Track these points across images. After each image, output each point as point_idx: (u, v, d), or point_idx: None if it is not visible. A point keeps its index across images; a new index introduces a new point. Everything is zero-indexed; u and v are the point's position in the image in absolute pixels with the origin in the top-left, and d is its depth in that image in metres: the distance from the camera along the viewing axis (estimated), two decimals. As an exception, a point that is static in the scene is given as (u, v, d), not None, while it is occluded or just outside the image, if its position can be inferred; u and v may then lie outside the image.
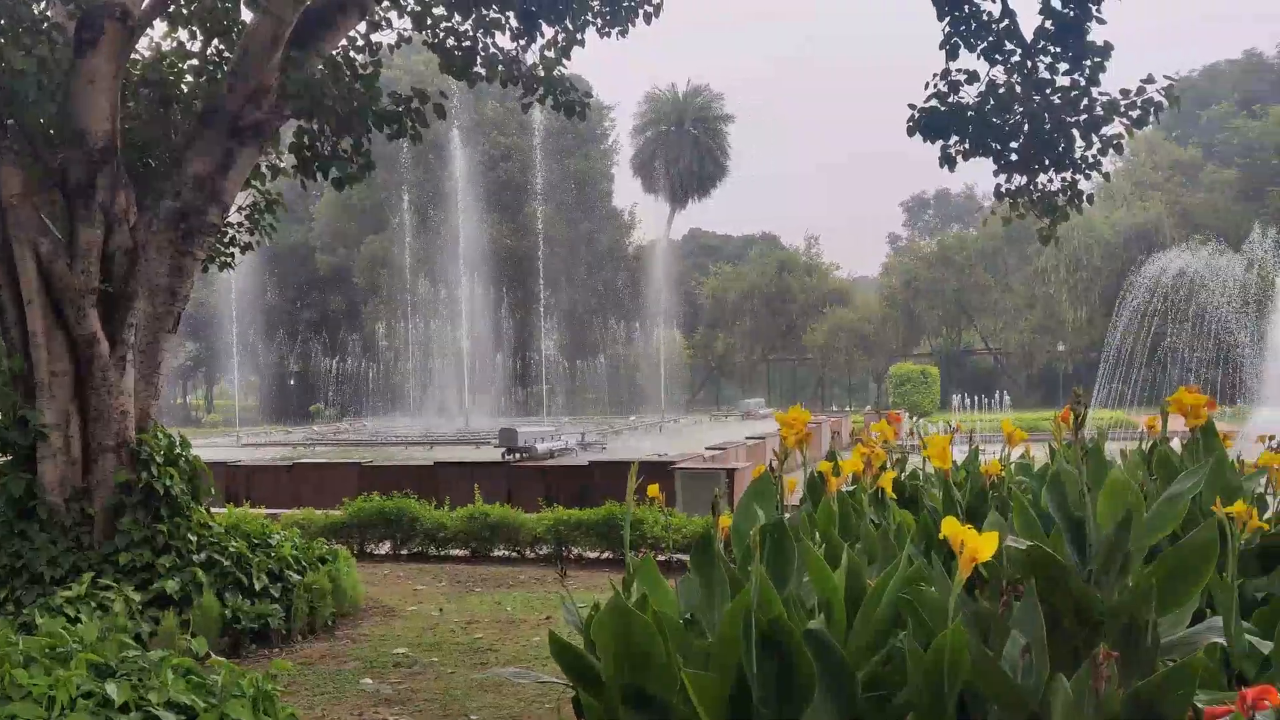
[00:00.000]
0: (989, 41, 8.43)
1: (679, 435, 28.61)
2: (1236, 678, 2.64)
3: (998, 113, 8.35)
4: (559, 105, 9.63)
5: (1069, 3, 7.89)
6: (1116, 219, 44.19)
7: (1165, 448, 3.79)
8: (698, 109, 61.80)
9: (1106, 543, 2.60)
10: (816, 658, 2.13)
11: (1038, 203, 8.73)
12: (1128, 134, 8.21)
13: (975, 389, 40.12)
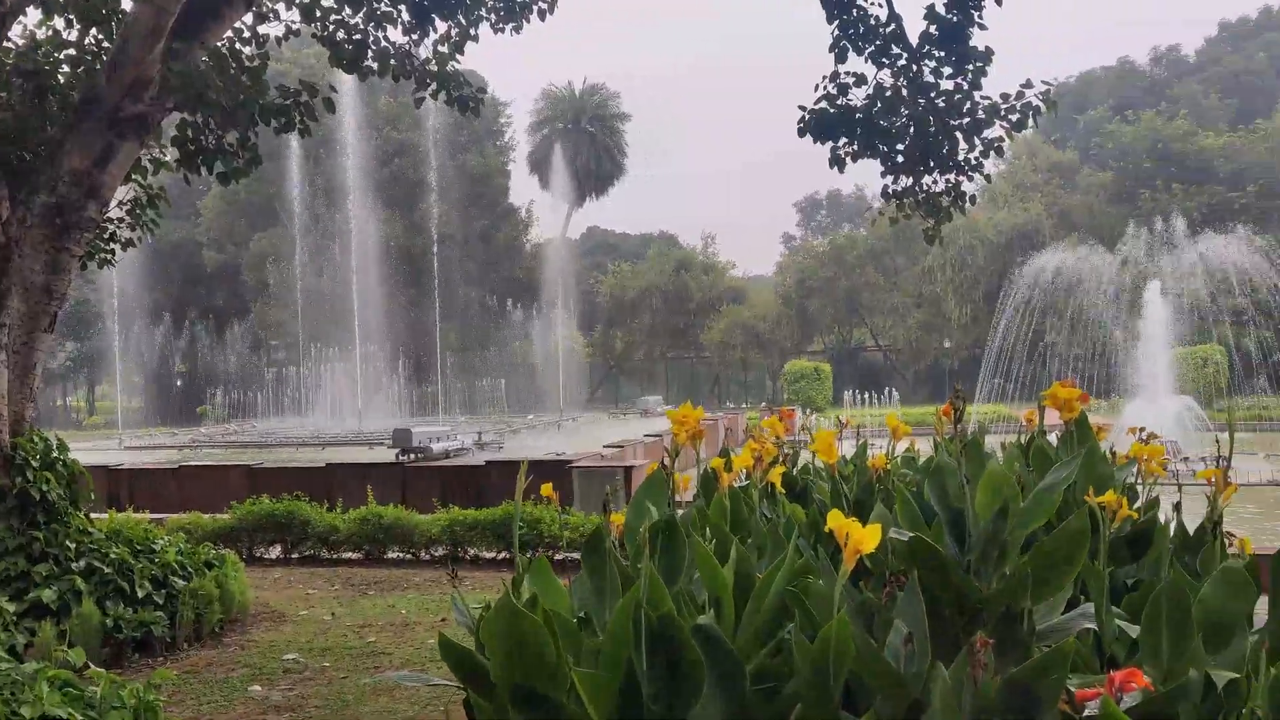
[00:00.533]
0: (876, 45, 8.63)
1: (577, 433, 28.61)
2: (1108, 661, 2.74)
3: (885, 115, 8.55)
4: (452, 101, 9.54)
5: (952, 9, 8.12)
6: (999, 220, 45.67)
7: (1042, 440, 3.91)
8: (595, 107, 61.84)
9: (985, 533, 2.68)
10: (706, 652, 2.15)
11: (923, 204, 8.98)
12: (1008, 137, 8.49)
13: (866, 385, 41.05)
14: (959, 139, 8.53)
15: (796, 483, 4.08)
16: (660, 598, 2.13)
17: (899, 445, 4.41)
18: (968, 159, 8.62)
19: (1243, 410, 31.06)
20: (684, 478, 3.84)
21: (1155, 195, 44.30)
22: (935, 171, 8.89)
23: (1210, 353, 33.36)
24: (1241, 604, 2.48)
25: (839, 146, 8.79)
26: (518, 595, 2.37)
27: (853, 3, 8.41)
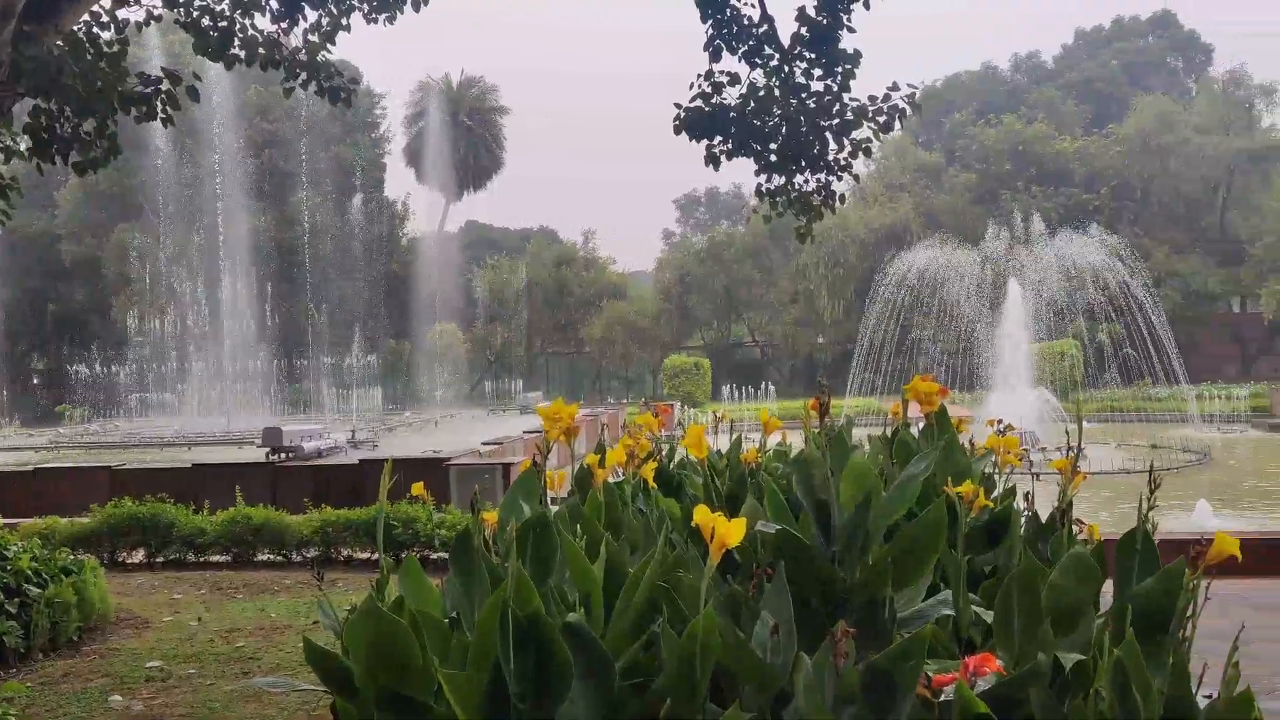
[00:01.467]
0: (749, 45, 8.77)
1: (455, 430, 28.28)
2: (965, 645, 2.84)
3: (757, 115, 8.69)
4: (323, 91, 9.34)
5: (822, 11, 8.30)
6: (870, 218, 46.88)
7: (905, 433, 4.03)
8: (473, 100, 61.15)
9: (849, 524, 2.74)
10: (575, 649, 2.15)
11: (795, 202, 9.16)
12: (876, 138, 8.73)
13: (744, 380, 41.66)
14: (829, 139, 8.73)
15: (672, 478, 4.12)
16: (528, 596, 2.12)
17: (771, 439, 4.50)
18: (837, 159, 8.83)
19: (1096, 402, 32.67)
20: (559, 474, 3.83)
21: (1016, 196, 46.16)
22: (806, 171, 9.08)
23: (1066, 347, 34.96)
24: (1088, 588, 2.60)
25: (714, 145, 8.91)
26: (383, 597, 2.33)
27: (726, 3, 8.53)
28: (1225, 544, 2.05)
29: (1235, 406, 29.21)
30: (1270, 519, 13.89)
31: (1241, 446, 23.90)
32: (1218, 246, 46.94)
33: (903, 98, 8.44)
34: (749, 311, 53.25)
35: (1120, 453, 20.85)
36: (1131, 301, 29.28)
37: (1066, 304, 32.66)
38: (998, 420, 4.36)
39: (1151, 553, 2.76)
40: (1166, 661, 2.48)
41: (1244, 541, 7.42)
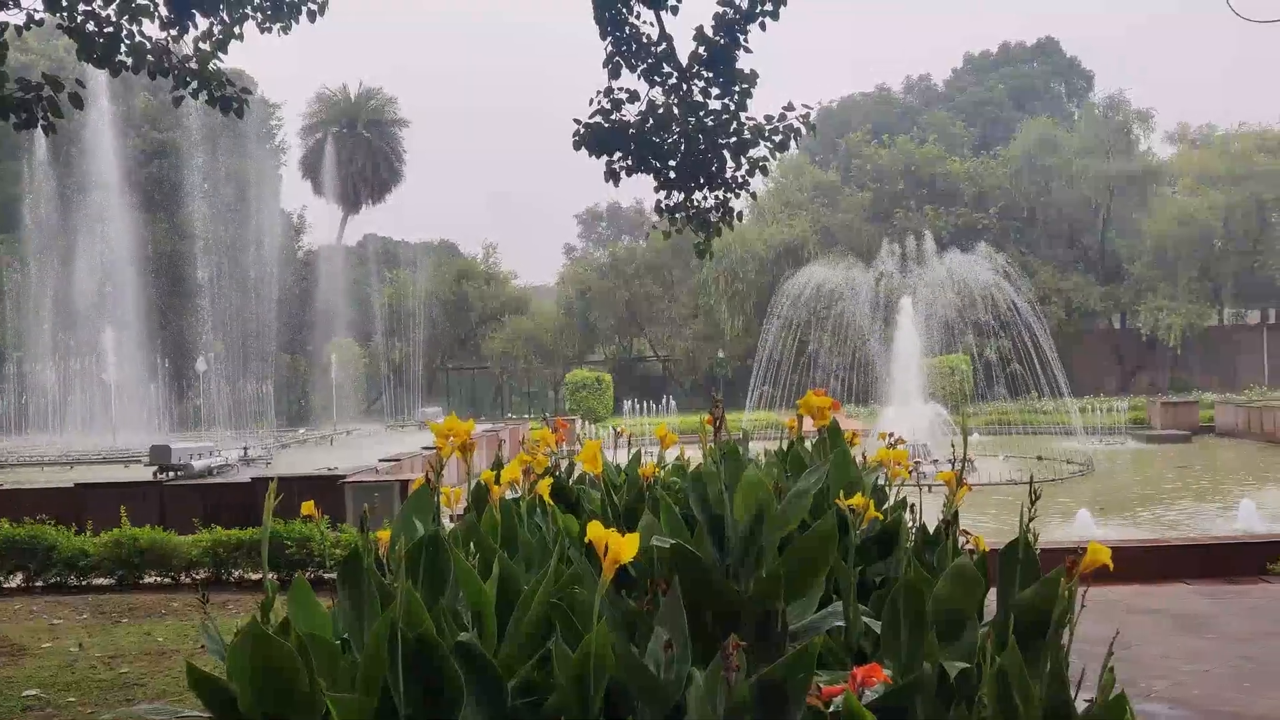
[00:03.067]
0: (649, 63, 8.84)
1: (353, 447, 27.73)
2: (856, 656, 2.90)
3: (657, 132, 8.76)
4: (214, 101, 9.11)
5: (719, 31, 8.42)
6: (768, 235, 47.58)
7: (799, 447, 4.09)
8: (371, 111, 60.30)
9: (742, 537, 2.77)
10: (466, 669, 2.12)
11: (693, 218, 9.25)
12: (772, 157, 8.87)
13: (646, 394, 41.83)
14: (727, 157, 8.84)
15: (571, 494, 4.11)
16: (418, 616, 2.09)
17: (669, 453, 4.53)
18: (735, 176, 8.95)
19: (985, 415, 33.70)
20: (455, 491, 3.79)
21: (909, 214, 47.40)
22: (705, 188, 9.18)
23: (956, 362, 35.98)
24: (972, 598, 2.67)
25: (614, 160, 8.95)
26: (268, 619, 2.27)
27: (625, 20, 8.59)
28: (1098, 553, 2.13)
29: (1115, 419, 30.42)
30: (1148, 526, 14.47)
31: (1121, 458, 24.88)
32: (1099, 265, 48.88)
33: (798, 118, 8.60)
34: (651, 326, 53.52)
35: (1008, 464, 21.52)
36: (1018, 318, 30.29)
37: (956, 320, 33.64)
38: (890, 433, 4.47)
39: (1032, 562, 2.85)
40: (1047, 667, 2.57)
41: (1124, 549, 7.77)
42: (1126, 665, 5.75)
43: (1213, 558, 10.23)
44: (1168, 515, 15.54)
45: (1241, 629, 6.68)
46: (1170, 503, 16.85)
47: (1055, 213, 48.47)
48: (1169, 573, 9.70)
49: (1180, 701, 5.15)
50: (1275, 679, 5.48)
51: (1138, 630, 6.67)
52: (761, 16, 8.53)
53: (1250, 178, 42.40)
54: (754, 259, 46.64)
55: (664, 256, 49.40)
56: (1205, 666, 5.76)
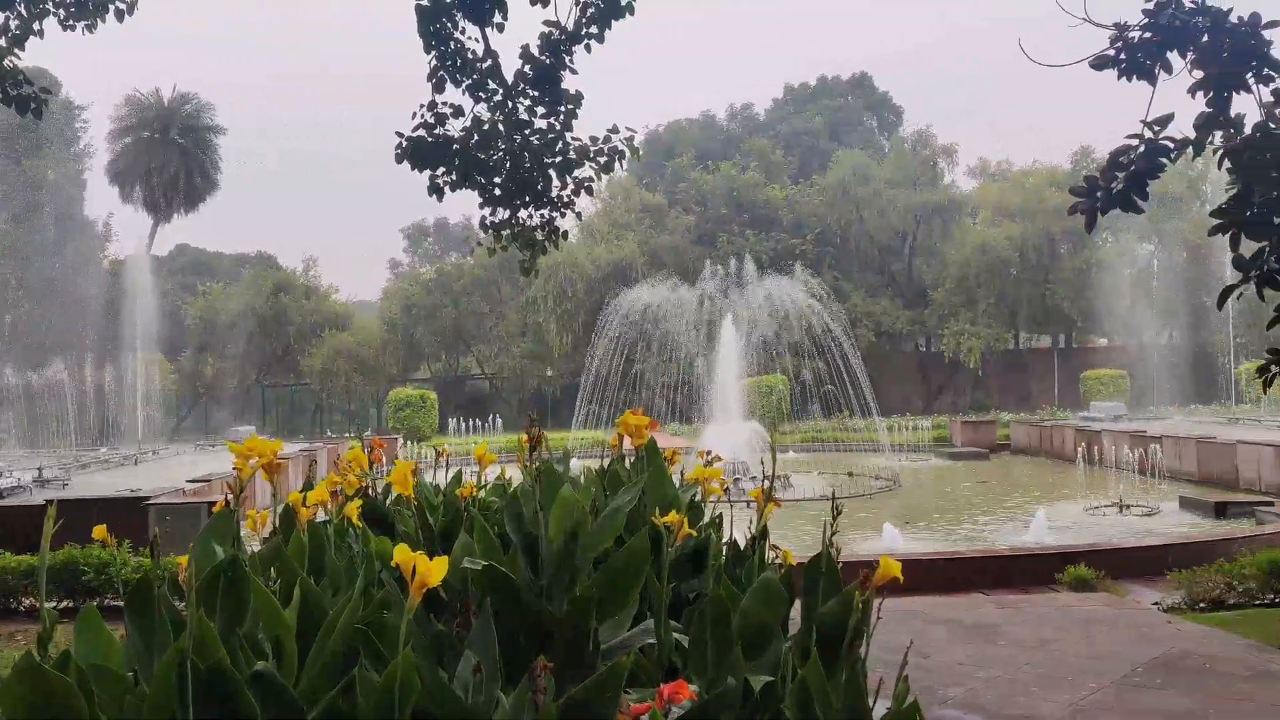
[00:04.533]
0: (474, 79, 8.79)
1: (159, 468, 26.27)
2: (669, 672, 2.93)
3: (481, 148, 8.71)
4: (10, 100, 8.55)
5: (545, 51, 8.45)
6: (597, 255, 47.93)
7: (619, 465, 4.12)
8: (185, 117, 57.56)
9: (556, 557, 2.77)
10: (263, 699, 2.04)
11: (519, 236, 9.23)
12: (597, 177, 8.96)
13: (472, 413, 41.33)
14: (552, 176, 8.88)
15: (386, 515, 4.02)
16: (210, 645, 1.99)
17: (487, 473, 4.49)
18: (560, 196, 8.99)
19: (801, 433, 34.87)
20: (262, 514, 3.64)
21: (731, 238, 48.66)
22: (531, 206, 9.18)
23: (774, 382, 37.11)
24: (776, 612, 2.74)
25: (437, 175, 8.84)
26: (45, 651, 2.12)
27: (450, 36, 8.51)
28: (889, 567, 2.22)
29: (920, 437, 32.01)
30: (949, 539, 15.25)
31: (925, 473, 26.17)
32: (906, 290, 51.35)
33: (622, 140, 8.72)
34: (478, 344, 52.99)
35: (821, 480, 22.31)
36: (831, 340, 31.50)
37: (774, 341, 34.72)
38: (707, 451, 4.55)
39: (834, 575, 2.95)
40: (851, 677, 2.67)
41: (926, 561, 8.16)
42: (925, 673, 6.03)
43: (1007, 569, 10.88)
44: (967, 528, 16.42)
45: (1030, 636, 7.11)
46: (969, 516, 17.83)
47: (867, 240, 50.69)
48: (967, 583, 10.25)
49: (974, 707, 5.44)
50: (1059, 683, 5.85)
51: (936, 639, 7.00)
52: (587, 39, 8.61)
53: (1042, 211, 45.45)
54: (583, 278, 46.87)
55: (492, 273, 49.06)
56: (997, 672, 6.10)
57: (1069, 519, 16.67)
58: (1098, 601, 8.69)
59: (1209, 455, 21.19)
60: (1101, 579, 9.93)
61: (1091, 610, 8.14)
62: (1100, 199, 8.02)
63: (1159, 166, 7.93)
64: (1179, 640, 6.88)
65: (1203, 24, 7.88)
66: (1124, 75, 8.12)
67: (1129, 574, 10.78)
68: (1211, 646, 6.73)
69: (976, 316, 46.95)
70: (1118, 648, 6.70)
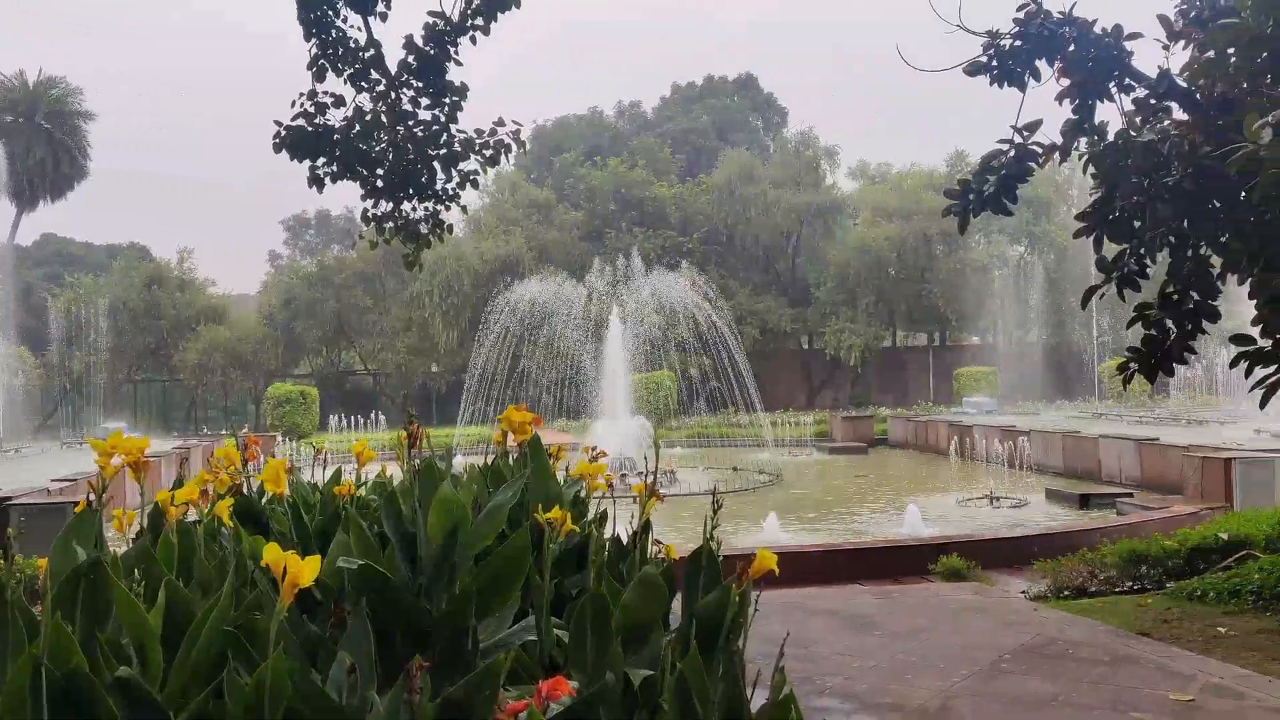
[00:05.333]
0: (356, 69, 8.62)
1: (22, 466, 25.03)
2: (551, 669, 2.92)
3: (363, 139, 8.55)
4: None
5: (429, 42, 8.33)
6: (484, 249, 47.49)
7: (501, 462, 4.10)
8: (52, 101, 54.93)
9: (435, 555, 2.73)
10: (126, 705, 1.96)
11: (402, 229, 9.09)
12: (483, 171, 8.88)
13: (354, 409, 40.51)
14: (437, 169, 8.76)
15: (262, 514, 3.91)
16: (67, 651, 1.91)
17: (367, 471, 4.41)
18: (445, 189, 8.88)
19: (687, 429, 35.23)
20: (129, 514, 3.51)
21: (619, 235, 48.79)
22: (415, 199, 9.05)
23: (662, 378, 37.39)
24: (656, 606, 2.76)
25: (317, 166, 8.64)
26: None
27: (331, 24, 8.32)
28: (765, 559, 2.26)
29: (802, 432, 32.64)
30: (829, 531, 15.59)
31: (807, 468, 26.70)
32: (790, 289, 52.27)
33: (508, 133, 8.66)
34: (361, 339, 51.93)
35: (707, 475, 22.56)
36: (718, 337, 31.88)
37: (661, 338, 34.96)
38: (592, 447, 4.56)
39: (715, 569, 2.99)
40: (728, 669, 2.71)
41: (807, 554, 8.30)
42: (805, 663, 6.16)
43: (883, 560, 11.19)
44: (847, 521, 16.83)
45: (904, 625, 7.32)
46: (849, 509, 18.27)
47: (752, 239, 51.41)
48: (846, 574, 10.51)
49: (850, 695, 5.57)
50: (930, 670, 6.04)
51: (816, 630, 7.15)
52: (473, 31, 8.52)
53: (919, 213, 46.79)
54: (469, 273, 46.40)
55: (376, 267, 48.12)
56: (872, 662, 6.26)
57: (943, 511, 17.23)
58: (969, 591, 8.99)
59: (1074, 449, 22.14)
60: (973, 569, 10.29)
61: (963, 599, 8.43)
62: (972, 201, 8.32)
63: (1027, 171, 8.27)
64: (1044, 627, 7.17)
65: (1069, 34, 8.23)
66: (996, 82, 8.44)
67: (999, 564, 11.19)
68: (1073, 633, 7.03)
69: (857, 315, 48.12)
70: (987, 635, 6.95)
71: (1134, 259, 8.43)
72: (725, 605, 2.59)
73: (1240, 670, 6.10)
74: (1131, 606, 8.38)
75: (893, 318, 50.79)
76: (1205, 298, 8.38)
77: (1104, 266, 8.70)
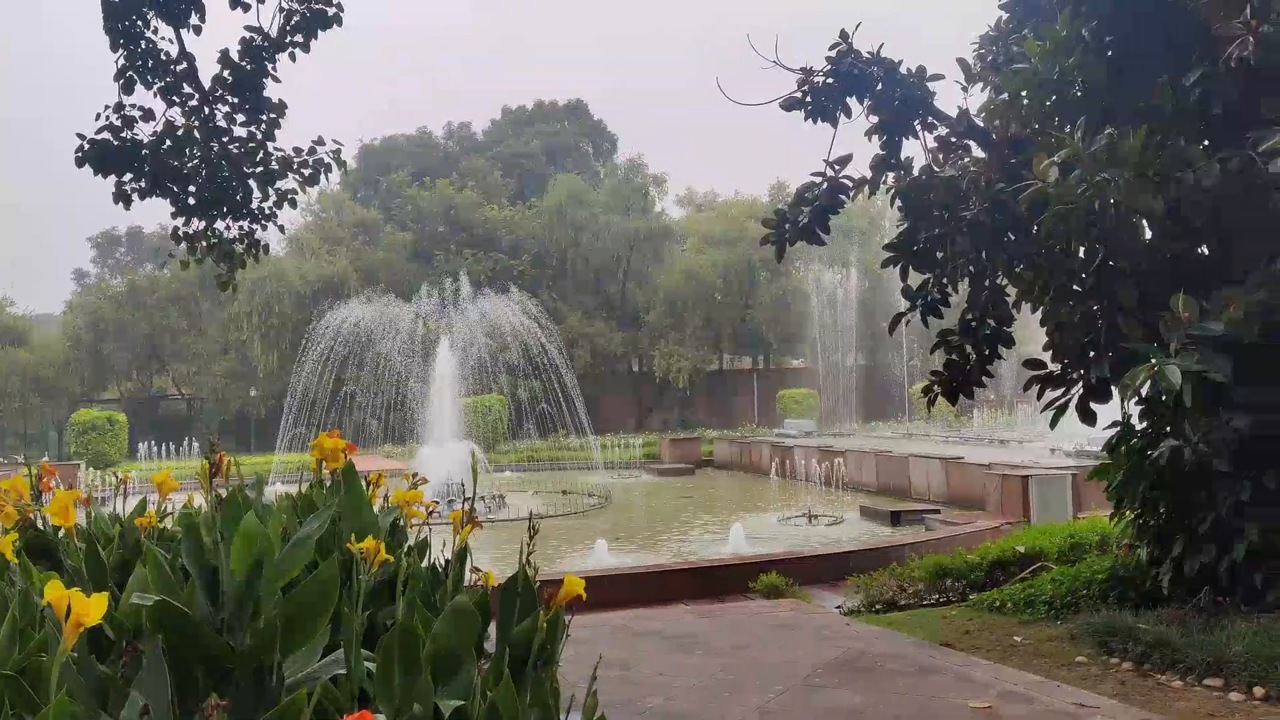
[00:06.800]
0: (167, 81, 8.28)
1: None
2: (361, 702, 2.87)
3: (174, 154, 8.21)
4: None
5: (245, 57, 8.09)
6: (306, 270, 46.15)
7: (315, 491, 4.00)
8: None
9: (238, 589, 2.65)
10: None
11: (215, 248, 8.76)
12: (302, 190, 8.65)
13: (168, 436, 38.56)
14: (253, 187, 8.50)
15: (57, 549, 3.69)
16: None
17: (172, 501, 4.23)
18: (261, 207, 8.62)
19: (518, 453, 35.05)
20: (-102, 553, 3.26)
21: (449, 257, 48.30)
22: (229, 217, 8.75)
23: (492, 402, 37.11)
24: (468, 635, 2.75)
25: (124, 181, 8.25)
26: None
27: (140, 34, 7.98)
28: (572, 585, 2.29)
29: (632, 454, 32.98)
30: (656, 552, 15.79)
31: (636, 489, 26.97)
32: (621, 313, 52.83)
33: (328, 152, 8.49)
34: (175, 362, 49.53)
35: (536, 499, 22.52)
36: (548, 360, 31.90)
37: (491, 361, 34.71)
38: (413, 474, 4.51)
39: (530, 595, 3.00)
40: (537, 695, 2.72)
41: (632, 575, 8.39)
42: (627, 685, 6.23)
43: (707, 579, 11.41)
44: (674, 542, 17.08)
45: (725, 644, 7.49)
46: (675, 530, 18.55)
47: (583, 263, 51.77)
48: (671, 595, 10.66)
49: (670, 715, 5.66)
50: (747, 687, 6.20)
51: (640, 651, 7.24)
52: (292, 48, 8.32)
53: (744, 240, 48.15)
54: (292, 294, 44.96)
55: (191, 287, 46.05)
56: (693, 681, 6.38)
57: (765, 529, 17.71)
58: (787, 607, 9.27)
59: (887, 468, 23.16)
60: (791, 586, 10.61)
61: (781, 616, 8.69)
62: (788, 231, 8.65)
63: (839, 203, 8.67)
64: (855, 641, 7.47)
65: (878, 74, 8.69)
66: (810, 117, 8.82)
67: (816, 580, 11.58)
68: (883, 645, 7.35)
69: (685, 338, 49.06)
70: (802, 651, 7.18)
71: (937, 288, 8.94)
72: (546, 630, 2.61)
73: (1032, 677, 6.51)
74: (937, 619, 8.81)
75: (719, 341, 52.00)
76: (1001, 324, 8.97)
77: (910, 294, 9.20)
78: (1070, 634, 7.65)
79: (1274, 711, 5.83)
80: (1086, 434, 12.27)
